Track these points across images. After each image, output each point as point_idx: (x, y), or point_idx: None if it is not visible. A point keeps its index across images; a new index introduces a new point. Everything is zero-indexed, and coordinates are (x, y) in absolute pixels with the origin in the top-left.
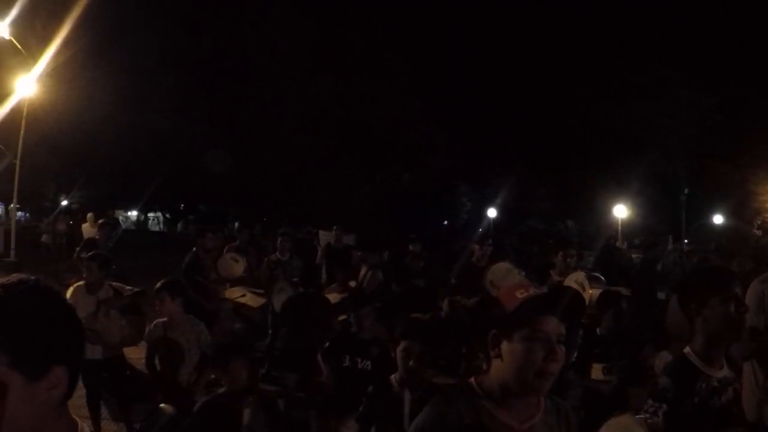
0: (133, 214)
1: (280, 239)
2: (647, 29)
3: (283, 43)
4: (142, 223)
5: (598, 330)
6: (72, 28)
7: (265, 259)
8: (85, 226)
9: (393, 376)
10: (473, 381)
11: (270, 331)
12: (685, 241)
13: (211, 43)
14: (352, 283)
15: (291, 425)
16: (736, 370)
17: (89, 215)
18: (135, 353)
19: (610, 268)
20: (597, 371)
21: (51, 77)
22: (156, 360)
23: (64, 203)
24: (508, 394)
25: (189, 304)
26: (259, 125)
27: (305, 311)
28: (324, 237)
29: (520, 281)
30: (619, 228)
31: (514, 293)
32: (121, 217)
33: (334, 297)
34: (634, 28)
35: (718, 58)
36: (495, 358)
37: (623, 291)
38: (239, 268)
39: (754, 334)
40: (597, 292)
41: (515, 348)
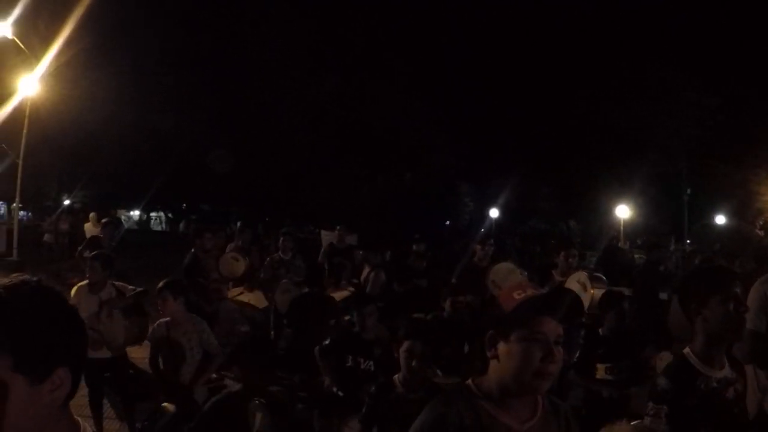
0: (135, 213)
1: (281, 239)
2: (648, 29)
3: (283, 43)
4: (144, 223)
5: (600, 330)
6: (74, 27)
7: (268, 258)
8: (87, 226)
9: (396, 376)
10: (471, 382)
11: (273, 332)
12: (688, 241)
13: (212, 43)
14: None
15: (295, 425)
16: (739, 371)
17: (91, 215)
18: (138, 352)
19: (613, 268)
20: (599, 371)
21: (53, 77)
22: (159, 359)
23: (67, 203)
24: (507, 395)
25: (191, 303)
26: (261, 125)
27: (310, 312)
28: (326, 237)
29: (519, 282)
30: (622, 228)
31: (512, 294)
32: (123, 217)
33: (339, 295)
34: (634, 28)
35: (720, 58)
36: (492, 358)
37: (625, 291)
38: (240, 267)
39: (755, 335)
40: (599, 292)
41: (512, 349)
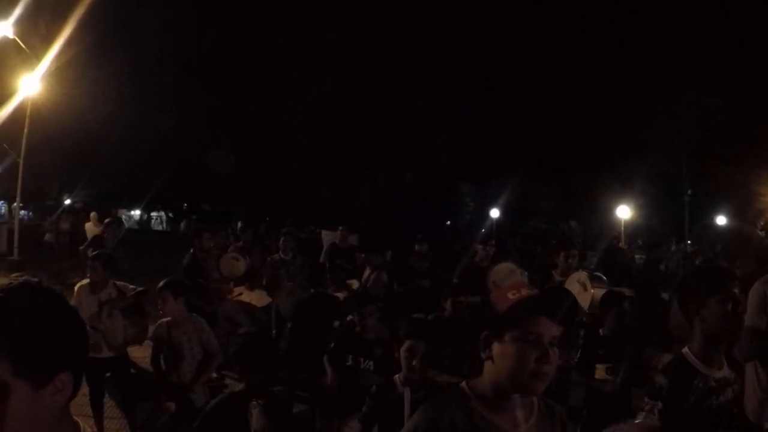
0: (136, 213)
1: (282, 239)
2: (648, 29)
3: (283, 43)
4: (145, 223)
5: (601, 330)
6: (75, 27)
7: (269, 258)
8: (88, 225)
9: (396, 376)
10: (465, 384)
11: (274, 331)
12: (688, 242)
13: (212, 43)
14: (355, 282)
15: (295, 425)
16: (739, 371)
17: (92, 214)
18: (139, 352)
19: (613, 268)
20: (600, 371)
21: (54, 76)
22: (161, 359)
23: (67, 202)
24: (502, 397)
25: (191, 303)
26: (261, 125)
27: (314, 312)
28: (327, 237)
29: (514, 282)
30: (622, 228)
31: (506, 294)
32: (124, 216)
33: (340, 296)
34: (634, 28)
35: (720, 58)
36: (487, 360)
37: (626, 291)
38: (241, 267)
39: (755, 335)
40: (600, 292)
41: (507, 349)
